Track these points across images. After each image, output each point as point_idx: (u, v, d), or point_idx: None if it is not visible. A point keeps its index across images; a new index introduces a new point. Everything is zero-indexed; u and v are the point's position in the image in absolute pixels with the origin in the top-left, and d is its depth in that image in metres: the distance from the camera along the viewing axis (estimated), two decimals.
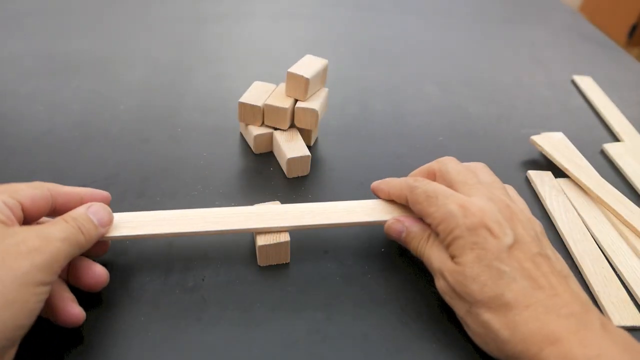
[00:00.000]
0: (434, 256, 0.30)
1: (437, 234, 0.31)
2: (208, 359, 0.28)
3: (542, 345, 0.25)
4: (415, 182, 0.32)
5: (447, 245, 0.29)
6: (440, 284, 0.30)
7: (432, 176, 0.35)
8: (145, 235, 0.31)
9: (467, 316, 0.28)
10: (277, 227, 0.33)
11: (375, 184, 0.36)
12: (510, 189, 0.34)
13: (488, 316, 0.27)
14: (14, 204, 0.27)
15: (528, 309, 0.26)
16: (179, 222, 0.32)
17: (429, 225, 0.31)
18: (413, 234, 0.32)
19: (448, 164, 0.34)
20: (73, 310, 0.27)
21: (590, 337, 0.25)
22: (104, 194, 0.32)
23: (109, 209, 0.31)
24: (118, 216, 0.32)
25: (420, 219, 0.32)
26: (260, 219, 0.33)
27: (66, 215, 0.28)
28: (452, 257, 0.29)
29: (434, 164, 0.35)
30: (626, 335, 0.26)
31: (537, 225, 0.31)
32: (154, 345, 0.28)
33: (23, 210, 0.27)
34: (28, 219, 0.28)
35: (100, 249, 0.32)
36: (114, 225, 0.31)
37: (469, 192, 0.31)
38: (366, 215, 0.34)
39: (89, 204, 0.30)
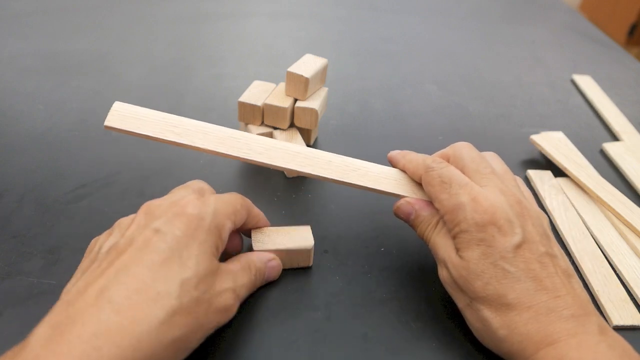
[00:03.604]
0: (440, 244, 0.30)
1: (444, 222, 0.30)
2: (208, 358, 0.28)
3: (539, 347, 0.25)
4: (432, 163, 0.31)
5: (453, 236, 0.29)
6: (443, 273, 0.30)
7: (446, 160, 0.33)
8: (188, 146, 0.32)
9: (467, 309, 0.29)
10: (323, 176, 0.33)
11: (393, 154, 0.35)
12: (519, 181, 0.33)
13: (488, 313, 0.27)
14: (231, 230, 0.29)
15: (529, 310, 0.26)
16: (224, 142, 0.32)
17: (438, 210, 0.31)
18: (421, 217, 0.32)
19: (462, 149, 0.33)
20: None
21: (587, 341, 0.25)
22: (267, 222, 0.34)
23: (280, 268, 0.33)
24: (162, 115, 0.32)
25: (431, 202, 0.32)
26: (308, 162, 0.33)
27: (252, 266, 0.30)
28: (457, 250, 0.29)
29: (448, 150, 0.33)
30: (623, 341, 0.26)
31: (545, 220, 0.30)
32: None
33: None
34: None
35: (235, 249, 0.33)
36: (157, 126, 0.32)
37: (481, 182, 0.30)
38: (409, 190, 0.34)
39: (268, 258, 0.32)
